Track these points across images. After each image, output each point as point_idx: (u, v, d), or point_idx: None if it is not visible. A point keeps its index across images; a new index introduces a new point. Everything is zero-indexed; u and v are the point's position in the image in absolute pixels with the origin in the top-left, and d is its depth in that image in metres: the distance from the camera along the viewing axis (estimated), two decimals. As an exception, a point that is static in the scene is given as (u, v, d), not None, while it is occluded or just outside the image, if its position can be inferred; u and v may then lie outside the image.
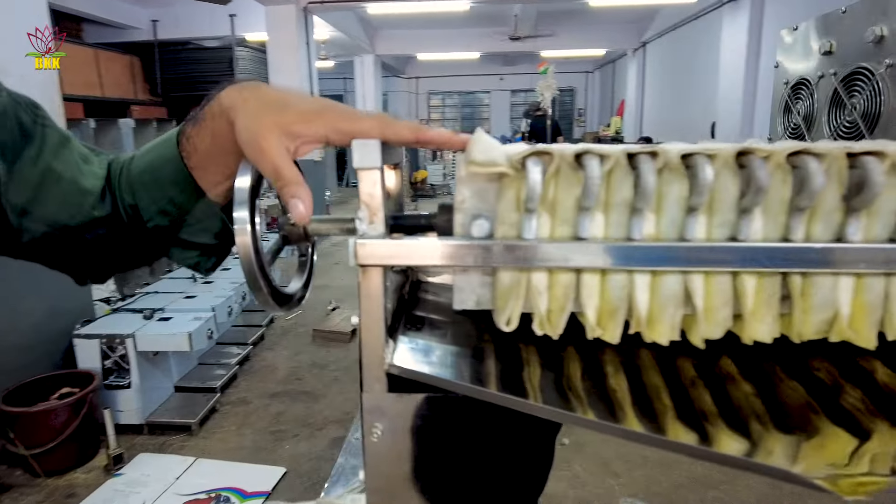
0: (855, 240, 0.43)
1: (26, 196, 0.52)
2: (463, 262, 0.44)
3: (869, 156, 0.41)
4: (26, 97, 0.55)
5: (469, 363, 0.48)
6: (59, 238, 0.54)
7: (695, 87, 8.18)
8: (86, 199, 0.54)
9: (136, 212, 0.54)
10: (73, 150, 0.55)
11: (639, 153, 0.42)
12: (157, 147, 0.54)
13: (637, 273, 0.44)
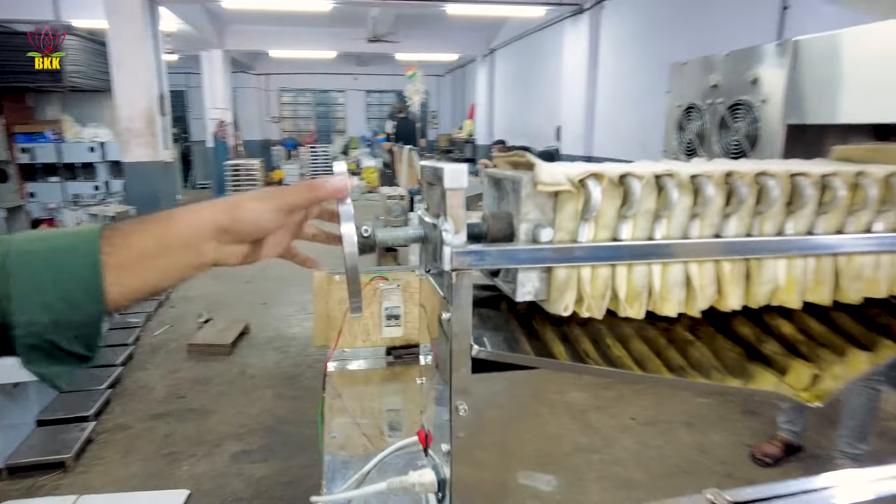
0: (789, 234, 0.62)
1: None
2: (539, 263, 0.55)
3: (800, 176, 0.60)
4: None
5: (522, 346, 0.59)
6: None
7: (541, 92, 8.93)
8: None
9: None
10: None
11: (663, 174, 0.56)
12: (55, 237, 0.47)
13: (655, 264, 0.59)
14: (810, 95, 0.87)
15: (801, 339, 0.69)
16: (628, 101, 6.54)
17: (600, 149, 7.24)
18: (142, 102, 5.83)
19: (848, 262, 0.65)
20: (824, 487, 0.70)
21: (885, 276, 0.66)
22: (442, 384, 0.60)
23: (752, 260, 0.62)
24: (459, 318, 0.54)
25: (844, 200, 0.62)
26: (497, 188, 0.63)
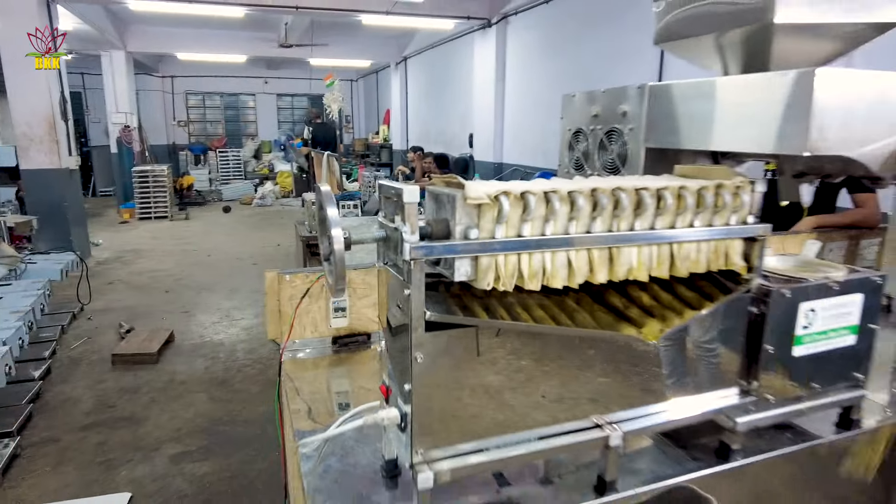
0: (637, 230, 0.89)
1: None
2: (469, 254, 0.78)
3: (643, 189, 0.88)
4: None
5: (457, 313, 0.82)
6: None
7: (454, 100, 9.29)
8: None
9: None
10: None
11: (549, 191, 0.82)
12: None
13: (546, 252, 0.84)
14: (663, 126, 1.18)
15: (654, 304, 0.98)
16: (532, 112, 7.02)
17: (508, 155, 7.69)
18: (41, 107, 5.55)
19: (679, 249, 0.94)
20: (666, 410, 0.99)
21: (703, 258, 0.96)
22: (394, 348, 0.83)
23: (613, 248, 0.89)
24: (415, 293, 0.77)
25: (672, 206, 0.90)
26: (436, 200, 0.86)
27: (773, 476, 1.07)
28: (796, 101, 0.89)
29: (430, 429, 0.82)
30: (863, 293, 1.06)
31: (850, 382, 1.11)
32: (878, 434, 1.16)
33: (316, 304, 1.51)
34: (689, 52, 1.22)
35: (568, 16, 6.18)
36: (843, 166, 0.96)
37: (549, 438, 0.89)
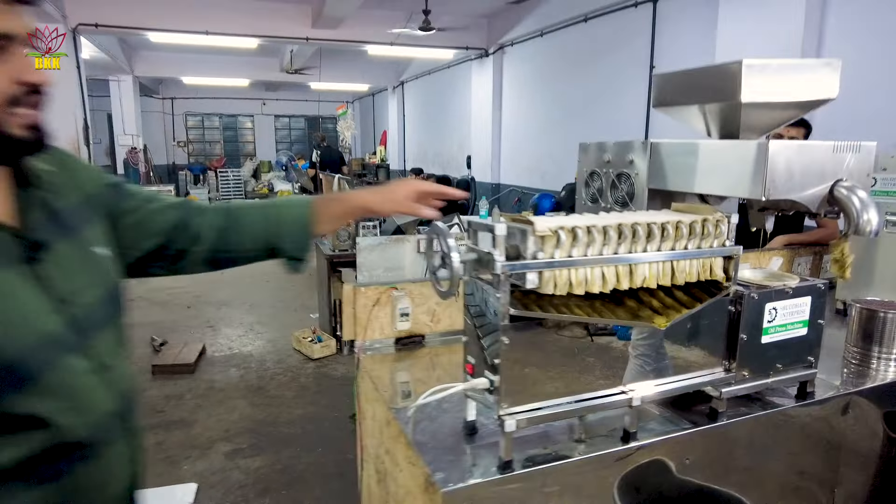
0: (650, 251, 1.27)
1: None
2: (536, 269, 1.15)
3: (652, 223, 1.25)
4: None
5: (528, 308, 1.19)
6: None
7: (451, 123, 9.74)
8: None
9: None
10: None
11: (590, 226, 1.19)
12: (296, 207, 1.13)
13: (588, 268, 1.21)
14: (661, 173, 1.56)
15: (658, 305, 1.35)
16: (528, 136, 7.46)
17: (506, 177, 8.11)
18: (67, 133, 5.87)
19: (677, 264, 1.31)
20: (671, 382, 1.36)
21: (694, 271, 1.33)
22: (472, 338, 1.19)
23: (633, 265, 1.26)
24: (503, 296, 1.13)
25: (673, 234, 1.28)
26: (509, 232, 1.23)
27: (749, 434, 1.44)
28: (757, 162, 1.28)
29: (510, 391, 1.18)
30: (811, 296, 1.44)
31: (805, 364, 1.49)
32: (828, 403, 1.53)
33: (383, 311, 1.87)
34: (679, 115, 1.61)
35: (561, 48, 6.65)
36: (791, 205, 1.35)
37: (591, 400, 1.25)
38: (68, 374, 0.78)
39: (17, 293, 0.74)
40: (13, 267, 0.75)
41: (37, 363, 0.74)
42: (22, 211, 0.80)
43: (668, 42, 5.23)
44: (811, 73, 1.44)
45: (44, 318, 0.77)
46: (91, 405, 0.81)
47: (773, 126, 1.55)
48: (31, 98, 0.72)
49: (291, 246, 1.11)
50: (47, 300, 0.77)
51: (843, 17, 3.76)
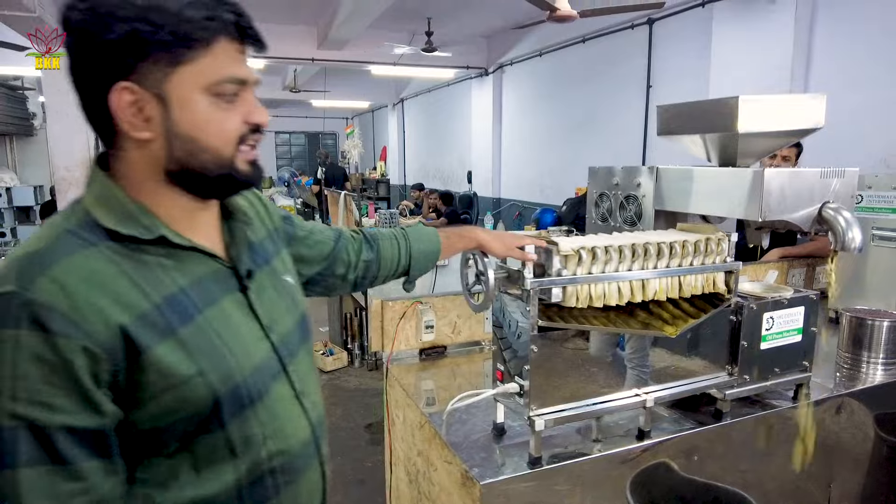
0: (660, 268, 1.42)
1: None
2: (561, 285, 1.30)
3: (662, 243, 1.40)
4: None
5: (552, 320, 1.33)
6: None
7: (452, 139, 9.93)
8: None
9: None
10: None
11: (608, 246, 1.34)
12: (426, 241, 1.30)
13: (606, 283, 1.36)
14: (666, 195, 1.71)
15: (667, 315, 1.49)
16: (528, 152, 7.65)
17: (506, 191, 8.29)
18: (80, 153, 6.01)
19: (684, 279, 1.46)
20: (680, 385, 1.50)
21: (699, 284, 1.48)
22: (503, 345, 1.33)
23: (645, 279, 1.41)
24: (533, 309, 1.27)
25: (680, 252, 1.43)
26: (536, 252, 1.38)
27: (751, 433, 1.58)
28: (753, 187, 1.43)
29: (538, 395, 1.32)
30: (804, 306, 1.59)
31: (800, 368, 1.63)
32: (822, 404, 1.68)
33: (409, 323, 2.01)
34: (681, 143, 1.77)
35: (560, 68, 6.86)
36: (785, 224, 1.50)
37: (610, 402, 1.39)
38: (277, 401, 0.82)
39: (238, 322, 0.80)
40: (232, 295, 0.81)
41: (255, 389, 0.78)
42: (229, 243, 0.86)
43: (664, 62, 5.43)
44: (800, 106, 1.60)
45: (257, 345, 0.82)
46: (294, 432, 0.85)
47: (768, 152, 1.71)
48: (253, 137, 0.78)
49: (417, 273, 1.30)
50: (257, 328, 0.83)
51: (828, 39, 3.96)
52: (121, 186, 0.75)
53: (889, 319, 1.84)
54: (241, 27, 0.74)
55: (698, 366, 1.58)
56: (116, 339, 0.67)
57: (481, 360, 2.04)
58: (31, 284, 0.64)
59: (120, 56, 0.69)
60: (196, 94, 0.72)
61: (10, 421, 0.63)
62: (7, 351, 0.63)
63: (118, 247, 0.72)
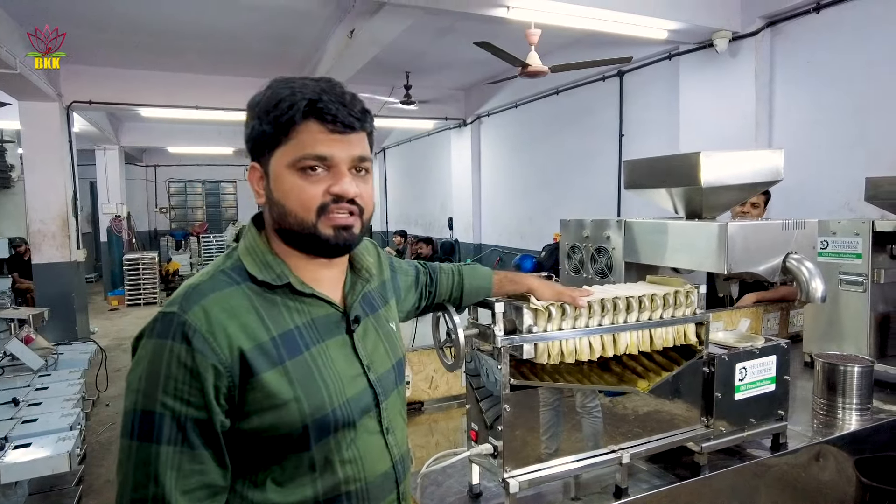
0: (630, 321, 1.43)
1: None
2: (532, 342, 1.29)
3: (630, 297, 1.42)
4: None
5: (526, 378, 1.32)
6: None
7: (433, 187, 10.05)
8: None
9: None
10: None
11: (589, 300, 1.35)
12: (479, 278, 1.38)
13: (578, 338, 1.36)
14: (635, 248, 1.74)
15: (640, 369, 1.49)
16: (508, 199, 7.76)
17: (487, 237, 8.35)
18: (56, 205, 5.97)
19: (655, 332, 1.47)
20: (656, 439, 1.49)
21: (670, 337, 1.49)
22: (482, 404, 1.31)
23: (616, 334, 1.42)
24: (504, 367, 1.27)
25: (650, 306, 1.44)
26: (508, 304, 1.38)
27: (731, 485, 1.56)
28: (719, 240, 1.47)
29: (512, 455, 1.29)
30: (775, 355, 1.60)
31: (775, 417, 1.63)
32: (800, 452, 1.67)
33: (385, 380, 1.98)
34: (649, 197, 1.81)
35: (535, 118, 7.06)
36: (750, 275, 1.53)
37: (586, 460, 1.37)
38: (363, 433, 0.94)
39: (340, 359, 0.94)
40: (340, 336, 0.96)
41: (343, 419, 0.91)
42: (348, 293, 1.01)
43: (635, 112, 5.62)
44: (760, 160, 1.66)
45: (354, 380, 0.95)
46: (373, 462, 0.96)
47: (732, 204, 1.76)
48: (338, 206, 0.89)
49: (466, 305, 1.39)
50: (358, 366, 0.96)
51: (788, 88, 4.14)
52: (265, 240, 0.94)
53: (860, 365, 1.86)
54: (321, 111, 0.87)
55: (677, 412, 1.57)
56: (236, 360, 0.83)
57: (459, 415, 2.00)
58: (189, 310, 0.83)
59: (251, 145, 0.92)
60: (283, 170, 0.88)
61: (160, 408, 0.80)
62: (164, 355, 0.81)
63: (256, 288, 0.90)
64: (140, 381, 0.82)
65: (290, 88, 0.89)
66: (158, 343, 0.82)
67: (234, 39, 5.61)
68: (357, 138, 0.91)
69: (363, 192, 0.92)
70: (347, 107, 0.89)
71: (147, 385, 0.81)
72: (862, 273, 2.20)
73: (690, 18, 4.01)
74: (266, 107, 0.89)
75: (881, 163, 3.41)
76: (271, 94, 0.90)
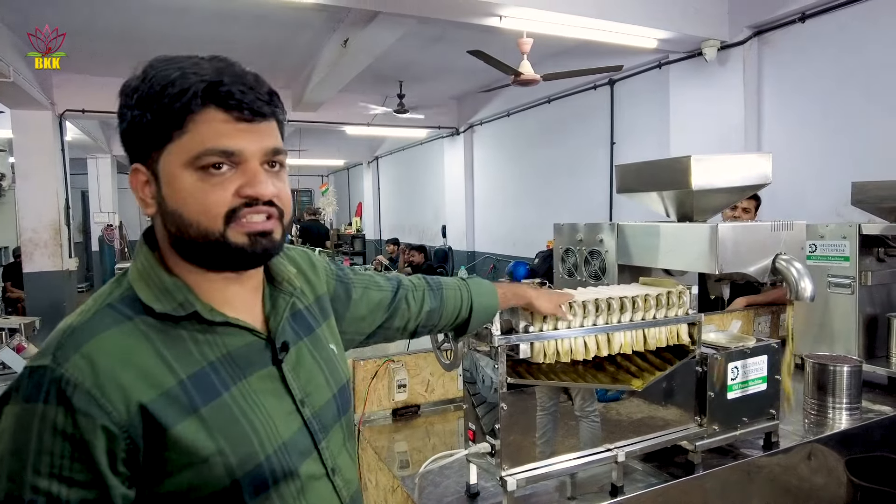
0: (624, 321, 1.45)
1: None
2: (528, 341, 1.31)
3: (624, 297, 1.44)
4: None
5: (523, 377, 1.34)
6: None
7: (426, 195, 10.08)
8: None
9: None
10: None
11: (573, 302, 1.37)
12: (486, 295, 1.25)
13: (573, 338, 1.38)
14: (628, 251, 1.77)
15: (634, 368, 1.51)
16: (500, 206, 7.80)
17: (480, 245, 8.39)
18: (48, 214, 5.95)
19: (649, 332, 1.49)
20: (651, 438, 1.51)
21: (664, 337, 1.51)
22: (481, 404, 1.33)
23: (610, 333, 1.44)
24: (501, 366, 1.28)
25: (643, 306, 1.47)
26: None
27: (724, 483, 1.58)
28: (710, 242, 1.50)
29: (510, 454, 1.31)
30: (766, 354, 1.63)
31: (767, 416, 1.66)
32: (792, 451, 1.69)
33: (381, 383, 1.99)
34: (641, 201, 1.84)
35: (528, 126, 7.12)
36: (742, 276, 1.56)
37: (582, 458, 1.39)
38: (306, 480, 0.79)
39: (267, 397, 0.78)
40: (264, 369, 0.79)
41: (280, 469, 0.76)
42: (269, 314, 0.83)
43: (626, 120, 5.69)
44: (749, 164, 1.69)
45: (286, 420, 0.79)
46: None
47: (722, 207, 1.80)
48: (252, 209, 0.74)
49: (475, 327, 1.25)
50: (289, 402, 0.80)
51: (776, 96, 4.21)
52: (158, 259, 0.77)
53: (849, 365, 1.89)
54: (223, 96, 0.70)
55: (671, 415, 1.59)
56: (136, 417, 0.67)
57: (455, 418, 2.02)
58: (65, 361, 0.66)
59: (129, 142, 0.74)
60: (178, 171, 0.71)
61: (31, 494, 0.64)
62: (34, 424, 0.64)
63: (153, 321, 0.73)
64: (1, 461, 0.65)
65: (178, 69, 0.71)
66: (25, 409, 0.65)
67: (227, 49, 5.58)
68: (268, 127, 0.75)
69: (280, 190, 0.76)
70: (255, 89, 0.73)
71: (11, 465, 0.64)
72: (850, 276, 2.24)
73: (679, 28, 4.08)
74: (149, 92, 0.70)
75: (867, 167, 3.47)
76: (155, 77, 0.71)
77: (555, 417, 1.47)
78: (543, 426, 1.43)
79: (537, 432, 1.41)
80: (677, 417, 1.58)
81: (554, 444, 1.44)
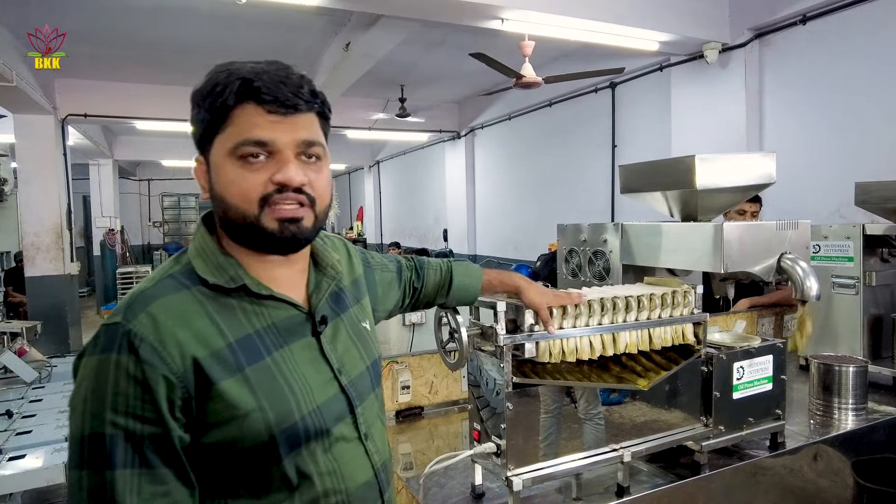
0: (629, 321, 1.45)
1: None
2: (533, 340, 1.31)
3: (629, 297, 1.44)
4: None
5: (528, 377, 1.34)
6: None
7: (427, 199, 10.09)
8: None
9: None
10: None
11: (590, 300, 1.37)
12: (468, 276, 1.33)
13: (578, 337, 1.38)
14: (632, 251, 1.77)
15: (639, 368, 1.51)
16: (501, 210, 7.80)
17: (482, 248, 8.38)
18: (51, 218, 5.95)
19: (654, 331, 1.49)
20: (656, 438, 1.50)
21: (669, 336, 1.51)
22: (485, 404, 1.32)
23: (616, 333, 1.43)
24: (507, 365, 1.28)
25: (648, 305, 1.46)
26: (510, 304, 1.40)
27: (729, 484, 1.57)
28: (715, 241, 1.49)
29: (516, 454, 1.30)
30: (772, 354, 1.62)
31: (773, 416, 1.65)
32: (798, 452, 1.69)
33: (385, 384, 1.98)
34: (645, 201, 1.84)
35: (529, 130, 7.13)
36: (746, 275, 1.56)
37: (588, 458, 1.38)
38: (339, 441, 0.87)
39: (304, 366, 0.86)
40: (302, 339, 0.88)
41: (314, 428, 0.84)
42: (312, 293, 0.93)
43: (627, 122, 5.69)
44: (752, 163, 1.69)
45: (324, 386, 0.88)
46: (354, 472, 0.89)
47: (727, 207, 1.79)
48: (282, 196, 0.81)
49: (453, 304, 1.35)
50: (327, 370, 0.89)
51: (777, 98, 4.22)
52: (216, 240, 0.86)
53: (854, 365, 1.88)
54: (258, 91, 0.79)
55: (675, 417, 1.59)
56: (190, 370, 0.76)
57: (459, 420, 2.01)
58: (133, 318, 0.76)
59: (195, 137, 0.85)
60: (223, 160, 0.81)
61: (111, 429, 0.73)
62: (110, 371, 0.74)
63: (208, 291, 0.82)
64: (85, 402, 0.74)
65: (226, 71, 0.81)
66: (102, 358, 0.74)
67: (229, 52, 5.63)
68: (304, 120, 0.82)
69: (313, 180, 0.83)
70: (289, 85, 0.80)
71: (93, 405, 0.73)
72: (854, 276, 2.24)
73: (681, 30, 4.09)
74: (203, 93, 0.81)
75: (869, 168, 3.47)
76: (208, 80, 0.82)
77: (559, 420, 1.46)
78: (547, 429, 1.43)
79: (541, 435, 1.40)
80: (682, 419, 1.57)
81: (558, 445, 1.43)
